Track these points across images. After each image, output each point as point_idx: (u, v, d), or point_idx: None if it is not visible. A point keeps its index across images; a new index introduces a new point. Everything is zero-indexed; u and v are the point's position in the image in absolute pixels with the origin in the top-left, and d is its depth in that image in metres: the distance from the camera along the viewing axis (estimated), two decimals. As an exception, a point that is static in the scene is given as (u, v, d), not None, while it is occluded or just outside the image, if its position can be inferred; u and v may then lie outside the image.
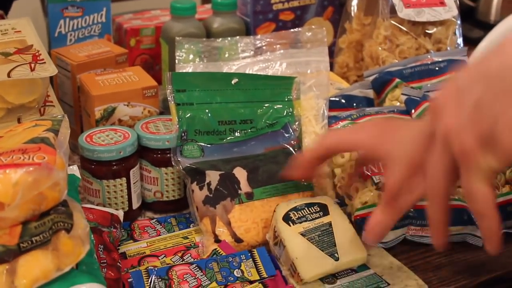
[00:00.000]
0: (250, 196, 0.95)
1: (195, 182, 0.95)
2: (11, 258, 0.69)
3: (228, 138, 1.00)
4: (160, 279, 0.84)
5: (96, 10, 1.29)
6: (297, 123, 1.03)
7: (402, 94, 1.10)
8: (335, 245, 0.87)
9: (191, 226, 0.97)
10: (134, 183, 0.98)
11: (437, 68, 1.20)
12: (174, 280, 0.84)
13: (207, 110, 1.00)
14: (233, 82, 1.02)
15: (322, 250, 0.86)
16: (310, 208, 0.90)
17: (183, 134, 0.97)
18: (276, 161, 0.99)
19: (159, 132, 0.99)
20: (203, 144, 0.98)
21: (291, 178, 0.94)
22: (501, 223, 0.67)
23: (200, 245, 0.93)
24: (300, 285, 0.85)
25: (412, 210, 0.93)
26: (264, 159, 0.99)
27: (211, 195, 0.94)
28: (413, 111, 1.06)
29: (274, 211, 0.89)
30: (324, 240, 0.87)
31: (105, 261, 0.82)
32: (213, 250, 0.90)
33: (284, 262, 0.87)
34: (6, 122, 0.94)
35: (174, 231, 0.96)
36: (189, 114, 0.98)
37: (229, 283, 0.85)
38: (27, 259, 0.70)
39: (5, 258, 0.69)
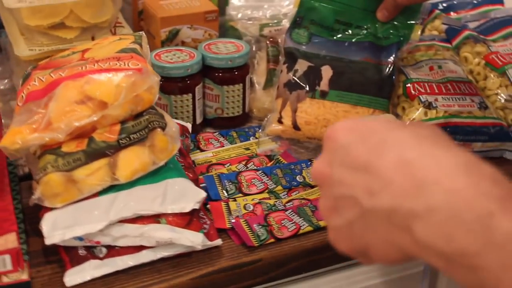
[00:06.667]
0: (324, 95, 1.00)
1: (286, 64, 1.02)
2: (112, 153, 0.78)
3: (338, 36, 1.04)
4: (230, 183, 0.92)
5: None
6: (405, 47, 1.05)
7: (443, 23, 1.17)
8: None
9: (250, 139, 1.05)
10: (198, 100, 1.05)
11: (475, 1, 1.27)
12: (243, 183, 0.92)
13: (330, 6, 1.04)
14: None
15: None
16: None
17: (297, 19, 1.04)
18: (363, 73, 1.02)
19: (221, 52, 1.06)
20: (313, 32, 1.04)
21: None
22: None
23: (264, 121, 1.02)
24: None
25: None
26: (354, 67, 1.02)
27: (293, 81, 1.01)
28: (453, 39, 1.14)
29: None
30: None
31: (182, 164, 0.90)
32: (275, 159, 0.98)
33: None
34: (81, 40, 1.01)
35: (236, 143, 1.04)
36: (311, 5, 1.04)
37: (292, 187, 0.93)
38: (127, 153, 0.78)
39: (106, 152, 0.78)
